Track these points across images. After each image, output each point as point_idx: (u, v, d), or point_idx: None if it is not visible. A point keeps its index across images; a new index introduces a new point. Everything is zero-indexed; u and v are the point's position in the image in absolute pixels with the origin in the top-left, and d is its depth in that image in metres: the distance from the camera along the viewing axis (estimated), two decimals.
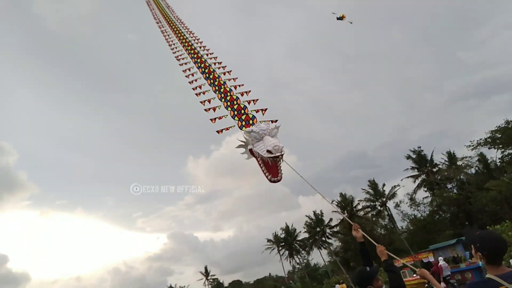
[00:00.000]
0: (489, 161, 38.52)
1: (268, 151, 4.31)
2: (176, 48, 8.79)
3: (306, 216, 51.66)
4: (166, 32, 9.95)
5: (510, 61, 73.81)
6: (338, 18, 18.85)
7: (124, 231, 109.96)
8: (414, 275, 16.39)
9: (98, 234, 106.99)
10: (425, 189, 43.34)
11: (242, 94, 6.15)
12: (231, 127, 5.70)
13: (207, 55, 7.77)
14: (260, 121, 5.32)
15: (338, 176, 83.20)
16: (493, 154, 39.44)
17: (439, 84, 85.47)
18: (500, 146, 37.66)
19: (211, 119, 5.98)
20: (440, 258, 19.39)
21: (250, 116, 5.59)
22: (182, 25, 9.57)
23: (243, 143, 4.93)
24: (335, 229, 50.10)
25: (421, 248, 31.84)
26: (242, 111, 5.75)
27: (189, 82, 7.26)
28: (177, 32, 9.37)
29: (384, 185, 45.88)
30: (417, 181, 43.31)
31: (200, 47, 8.20)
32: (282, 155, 4.31)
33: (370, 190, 46.06)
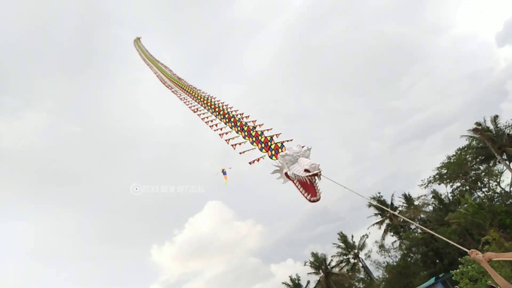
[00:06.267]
0: (442, 197, 40.81)
1: (306, 170, 4.38)
2: (191, 104, 9.27)
3: (283, 283, 49.51)
4: (178, 93, 10.65)
5: (434, 104, 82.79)
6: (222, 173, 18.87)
7: None
8: None
9: None
10: (391, 233, 44.25)
11: (263, 132, 6.34)
12: (261, 157, 5.81)
13: (221, 104, 8.09)
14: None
15: (305, 236, 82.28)
16: (444, 189, 42.10)
17: (380, 131, 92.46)
18: (448, 180, 40.46)
19: (240, 152, 6.19)
20: None
21: (279, 145, 5.70)
22: (192, 88, 10.25)
23: (278, 168, 4.97)
24: None
25: None
26: (269, 143, 5.89)
27: (210, 126, 7.59)
28: (191, 92, 9.99)
29: (352, 236, 46.18)
30: (383, 227, 44.22)
31: (213, 99, 8.60)
32: (320, 172, 4.38)
33: (341, 244, 45.91)
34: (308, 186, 4.52)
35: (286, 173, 4.87)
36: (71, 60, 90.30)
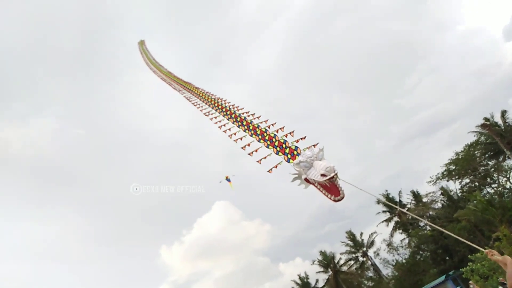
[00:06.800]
0: (451, 193, 40.43)
1: (322, 175, 4.43)
2: (203, 107, 9.28)
3: (292, 281, 49.56)
4: (184, 94, 10.68)
5: (440, 101, 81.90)
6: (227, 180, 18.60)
7: None
8: None
9: None
10: (400, 231, 43.95)
11: (277, 131, 6.34)
12: (279, 163, 5.79)
13: (233, 107, 8.09)
14: (303, 149, 5.45)
15: (313, 235, 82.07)
16: (453, 186, 41.70)
17: (385, 130, 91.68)
18: (456, 177, 40.08)
19: (258, 161, 6.18)
20: None
21: (293, 147, 5.74)
22: (202, 91, 10.30)
23: (296, 175, 5.03)
24: None
25: None
26: (283, 146, 5.90)
27: (223, 131, 7.56)
28: (203, 96, 10.00)
29: (361, 234, 45.98)
30: (391, 224, 43.94)
31: (225, 102, 8.61)
32: (336, 174, 4.43)
33: (350, 242, 45.72)
34: (329, 187, 4.58)
35: (305, 178, 4.92)
36: (77, 63, 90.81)
